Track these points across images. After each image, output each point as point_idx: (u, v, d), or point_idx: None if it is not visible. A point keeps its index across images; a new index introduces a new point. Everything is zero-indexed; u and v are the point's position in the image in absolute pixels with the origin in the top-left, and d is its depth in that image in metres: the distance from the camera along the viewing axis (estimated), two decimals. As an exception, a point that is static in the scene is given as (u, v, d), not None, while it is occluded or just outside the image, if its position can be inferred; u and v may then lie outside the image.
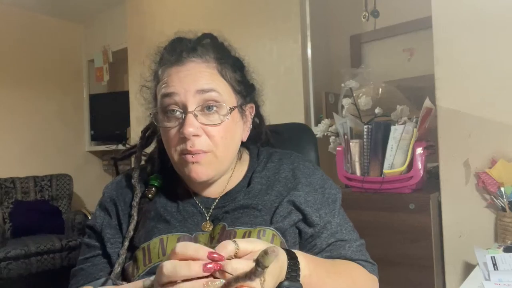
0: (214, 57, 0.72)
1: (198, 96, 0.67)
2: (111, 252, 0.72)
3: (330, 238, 0.73)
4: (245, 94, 0.76)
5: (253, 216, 0.70)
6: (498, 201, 1.23)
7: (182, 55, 0.71)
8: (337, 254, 0.72)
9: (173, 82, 0.69)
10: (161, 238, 0.69)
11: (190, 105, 0.67)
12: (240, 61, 0.77)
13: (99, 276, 0.71)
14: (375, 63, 2.12)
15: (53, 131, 3.93)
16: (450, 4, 1.35)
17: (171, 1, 2.85)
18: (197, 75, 0.69)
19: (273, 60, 2.18)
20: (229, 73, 0.73)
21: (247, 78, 0.78)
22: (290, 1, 2.15)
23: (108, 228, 0.74)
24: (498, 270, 0.90)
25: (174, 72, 0.70)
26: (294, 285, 0.54)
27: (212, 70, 0.71)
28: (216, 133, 0.68)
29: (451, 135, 1.35)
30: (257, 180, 0.76)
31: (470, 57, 1.31)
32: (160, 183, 0.77)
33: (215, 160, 0.70)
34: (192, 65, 0.70)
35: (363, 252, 0.75)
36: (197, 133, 0.67)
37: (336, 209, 0.77)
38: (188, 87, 0.67)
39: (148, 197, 0.75)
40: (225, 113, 0.69)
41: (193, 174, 0.69)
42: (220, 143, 0.69)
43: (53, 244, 3.04)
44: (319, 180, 0.78)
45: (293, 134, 1.02)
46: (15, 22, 3.67)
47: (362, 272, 0.72)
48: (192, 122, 0.66)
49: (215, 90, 0.68)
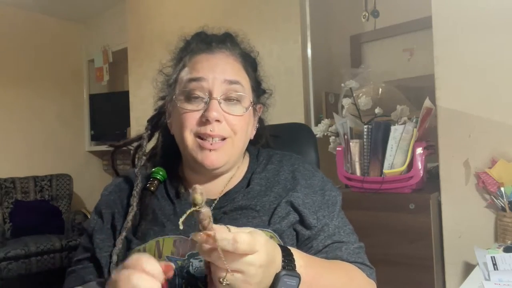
0: (240, 53, 0.76)
1: (224, 86, 0.70)
2: (99, 256, 0.71)
3: (326, 240, 0.72)
4: (259, 94, 0.80)
5: (251, 217, 0.70)
6: (498, 201, 1.23)
7: (212, 45, 0.74)
8: (332, 255, 0.71)
9: (202, 68, 0.71)
10: (157, 240, 0.68)
11: (216, 92, 0.69)
12: (256, 62, 0.81)
13: (88, 279, 0.71)
14: (375, 63, 2.12)
15: (53, 131, 3.93)
16: (450, 4, 1.35)
17: (171, 1, 2.85)
18: (226, 66, 0.72)
19: (273, 60, 2.18)
20: (250, 70, 0.77)
21: (259, 79, 0.81)
22: (290, 1, 2.15)
23: (98, 233, 0.74)
24: (498, 270, 0.90)
25: (204, 59, 0.73)
26: (292, 274, 0.54)
27: (239, 64, 0.75)
28: (236, 122, 0.71)
29: (451, 135, 1.35)
30: (256, 181, 0.76)
31: (470, 57, 1.31)
32: (163, 175, 0.77)
33: (231, 148, 0.72)
34: (222, 56, 0.74)
35: (360, 255, 0.74)
36: (220, 119, 0.69)
37: (336, 212, 0.76)
38: (217, 75, 0.70)
39: (151, 189, 0.75)
40: (247, 105, 0.73)
41: (207, 161, 0.70)
42: (239, 132, 0.72)
43: (53, 244, 3.05)
44: (319, 182, 0.78)
45: (293, 134, 1.02)
46: (15, 22, 3.67)
47: (359, 273, 0.71)
48: (217, 108, 0.69)
49: (240, 83, 0.72)
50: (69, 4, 3.70)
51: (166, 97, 0.79)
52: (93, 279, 0.71)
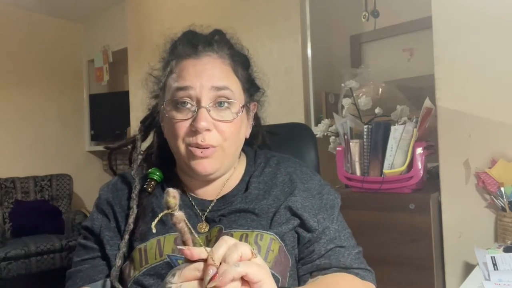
0: (228, 54, 0.73)
1: (212, 92, 0.68)
2: (110, 254, 0.71)
3: (329, 244, 0.72)
4: (252, 93, 0.78)
5: (250, 220, 0.70)
6: (498, 201, 1.23)
7: (198, 48, 0.72)
8: (336, 262, 0.71)
9: (189, 75, 0.69)
10: (158, 239, 0.68)
11: (204, 100, 0.68)
12: (248, 59, 0.78)
13: (98, 278, 0.71)
14: (375, 63, 2.12)
15: (53, 131, 3.93)
16: (450, 4, 1.35)
17: (171, 1, 2.85)
18: (213, 71, 0.70)
19: (273, 60, 2.18)
20: (240, 70, 0.75)
21: (252, 77, 0.79)
22: (290, 1, 2.15)
23: (107, 230, 0.73)
24: (498, 270, 0.90)
25: (190, 65, 0.70)
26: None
27: (227, 67, 0.72)
28: (226, 129, 0.69)
29: (451, 135, 1.35)
30: (254, 185, 0.75)
31: (470, 57, 1.31)
32: (160, 176, 0.76)
33: (222, 154, 0.70)
34: (208, 60, 0.71)
35: (361, 259, 0.75)
36: (209, 128, 0.67)
37: (335, 215, 0.76)
38: (204, 82, 0.68)
39: (148, 190, 0.74)
40: (236, 110, 0.71)
41: (199, 168, 0.69)
42: (229, 139, 0.70)
43: (53, 244, 3.05)
44: (317, 185, 0.77)
45: (293, 134, 1.02)
46: (15, 22, 3.67)
47: (356, 284, 0.70)
48: (205, 117, 0.67)
49: (229, 88, 0.70)
50: (69, 4, 3.70)
51: (158, 96, 0.78)
52: (103, 278, 0.71)
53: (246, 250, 0.46)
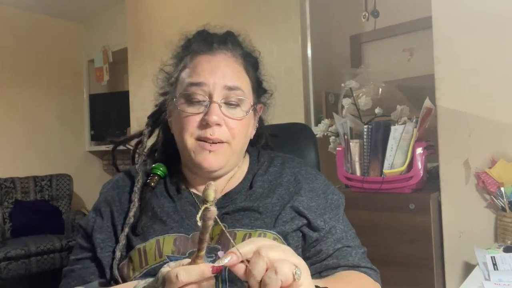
0: (241, 54, 0.76)
1: (224, 91, 0.70)
2: (101, 256, 0.71)
3: (336, 244, 0.72)
4: (259, 94, 0.80)
5: (254, 219, 0.70)
6: (498, 201, 1.23)
7: (213, 45, 0.74)
8: (344, 261, 0.71)
9: (203, 71, 0.71)
10: (157, 239, 0.68)
11: (216, 96, 0.69)
12: (258, 62, 0.81)
13: (90, 280, 0.71)
14: (375, 63, 2.12)
15: (53, 131, 3.93)
16: (450, 4, 1.35)
17: (171, 1, 2.85)
18: (226, 69, 0.72)
19: (273, 60, 2.18)
20: (251, 71, 0.77)
21: (261, 79, 0.81)
22: (290, 1, 2.15)
23: (98, 232, 0.73)
24: (498, 270, 0.90)
25: (205, 61, 0.72)
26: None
27: (239, 67, 0.74)
28: (235, 126, 0.71)
29: (451, 135, 1.35)
30: (259, 183, 0.76)
31: (470, 57, 1.31)
32: (163, 171, 0.77)
33: (229, 151, 0.72)
34: (223, 57, 0.73)
35: (366, 259, 0.76)
36: (220, 123, 0.69)
37: (340, 215, 0.77)
38: (217, 80, 0.70)
39: (151, 185, 0.75)
40: (247, 109, 0.73)
41: (205, 163, 0.70)
42: (237, 136, 0.72)
43: (53, 244, 3.05)
44: (322, 185, 0.78)
45: (293, 134, 1.02)
46: (15, 22, 3.67)
47: (368, 280, 0.72)
48: (217, 111, 0.69)
49: (241, 88, 0.72)
50: (69, 4, 3.69)
51: (167, 93, 0.79)
52: (94, 279, 0.71)
53: (288, 274, 0.43)
